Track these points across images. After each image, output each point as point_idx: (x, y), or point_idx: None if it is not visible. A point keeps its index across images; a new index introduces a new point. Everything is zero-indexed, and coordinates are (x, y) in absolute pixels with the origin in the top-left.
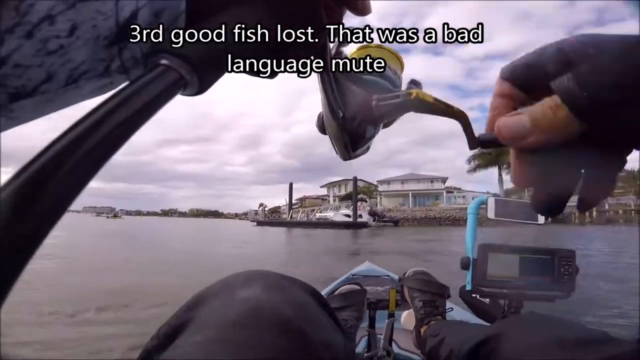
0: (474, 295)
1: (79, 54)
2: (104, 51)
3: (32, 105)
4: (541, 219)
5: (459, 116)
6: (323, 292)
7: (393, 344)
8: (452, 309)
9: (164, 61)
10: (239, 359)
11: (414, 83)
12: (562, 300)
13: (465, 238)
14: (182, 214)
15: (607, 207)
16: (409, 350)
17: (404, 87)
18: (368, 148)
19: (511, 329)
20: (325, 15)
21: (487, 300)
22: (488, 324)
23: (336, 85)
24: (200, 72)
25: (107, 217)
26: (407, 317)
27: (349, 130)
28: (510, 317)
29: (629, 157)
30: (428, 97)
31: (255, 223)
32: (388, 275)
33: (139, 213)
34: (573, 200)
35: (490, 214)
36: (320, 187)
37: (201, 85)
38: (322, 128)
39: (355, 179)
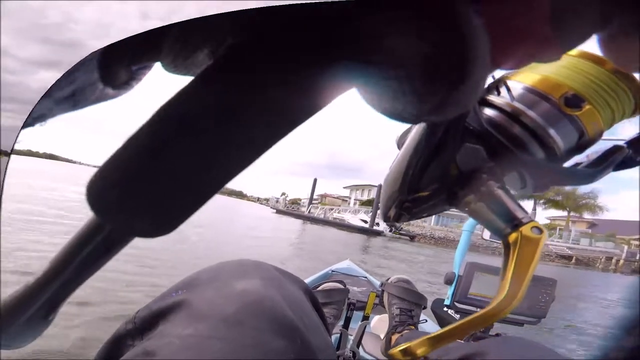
0: (446, 310)
1: None
2: None
3: None
4: None
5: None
6: None
7: (360, 346)
8: (427, 320)
9: None
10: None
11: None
12: None
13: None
14: None
15: (639, 257)
16: (374, 356)
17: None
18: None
19: (492, 349)
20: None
21: (457, 316)
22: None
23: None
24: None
25: None
26: (377, 323)
27: (410, 199)
28: (489, 338)
29: None
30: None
31: (275, 211)
32: (366, 277)
33: None
34: (601, 246)
35: (486, 234)
36: (343, 187)
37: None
38: (400, 144)
39: (380, 186)
